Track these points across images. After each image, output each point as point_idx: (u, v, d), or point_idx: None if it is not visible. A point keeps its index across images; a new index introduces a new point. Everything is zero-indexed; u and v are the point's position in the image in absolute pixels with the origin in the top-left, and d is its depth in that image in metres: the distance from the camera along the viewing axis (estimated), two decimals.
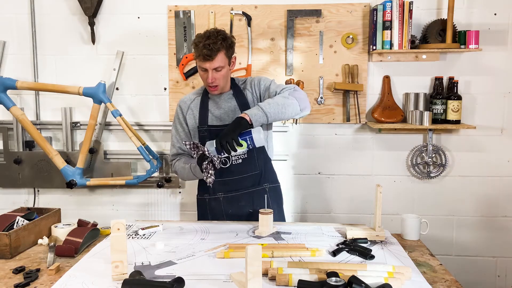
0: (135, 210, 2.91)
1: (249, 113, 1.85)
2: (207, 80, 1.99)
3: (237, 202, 2.11)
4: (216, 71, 1.97)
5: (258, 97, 2.10)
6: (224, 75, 2.01)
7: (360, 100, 2.74)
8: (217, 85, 2.01)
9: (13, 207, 2.26)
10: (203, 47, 1.92)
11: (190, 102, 2.15)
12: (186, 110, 2.15)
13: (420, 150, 2.78)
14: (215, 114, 2.10)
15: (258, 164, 2.12)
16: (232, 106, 2.09)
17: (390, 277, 1.42)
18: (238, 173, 2.09)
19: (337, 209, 2.87)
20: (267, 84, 2.08)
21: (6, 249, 1.74)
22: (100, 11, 2.78)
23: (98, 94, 2.45)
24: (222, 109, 2.09)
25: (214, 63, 1.95)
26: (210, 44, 1.91)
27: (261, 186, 2.14)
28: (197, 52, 1.95)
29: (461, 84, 2.71)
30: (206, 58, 1.93)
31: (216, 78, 1.98)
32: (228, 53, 1.99)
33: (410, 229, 1.93)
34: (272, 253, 1.65)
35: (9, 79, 2.41)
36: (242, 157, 2.09)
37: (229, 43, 1.98)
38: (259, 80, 2.11)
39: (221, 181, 2.10)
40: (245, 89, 2.11)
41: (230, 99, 2.10)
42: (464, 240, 2.84)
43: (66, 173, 2.49)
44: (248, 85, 2.12)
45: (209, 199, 2.16)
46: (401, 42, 2.57)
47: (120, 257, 1.47)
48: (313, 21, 2.72)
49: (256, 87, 2.10)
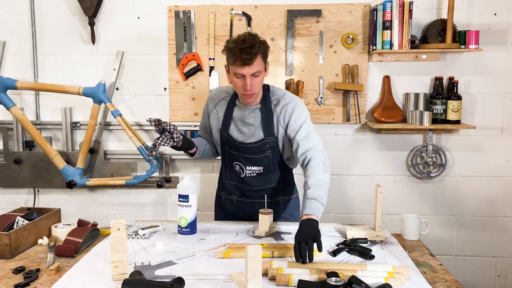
0: (135, 210, 2.91)
1: (317, 214, 1.72)
2: (244, 88, 1.86)
3: (249, 208, 2.07)
4: (253, 76, 1.85)
5: (284, 126, 1.97)
6: (261, 81, 1.90)
7: (360, 100, 2.74)
8: (254, 92, 1.89)
9: (13, 207, 2.26)
10: (241, 51, 1.79)
11: (218, 101, 2.07)
12: (212, 108, 2.08)
13: (420, 150, 2.78)
14: (237, 125, 2.01)
15: (274, 178, 2.06)
16: (256, 122, 1.98)
17: (390, 277, 1.42)
18: (252, 185, 2.06)
19: (337, 209, 2.87)
20: (297, 126, 1.94)
21: (6, 249, 1.74)
22: (100, 11, 2.78)
23: (98, 94, 2.45)
24: (245, 122, 2.00)
25: (253, 68, 1.82)
26: (248, 47, 1.80)
27: (275, 198, 2.09)
28: (233, 58, 1.82)
29: (461, 84, 2.71)
30: (246, 62, 1.80)
31: (253, 84, 1.86)
32: (264, 57, 1.88)
33: (410, 229, 1.94)
34: (272, 253, 1.66)
35: (9, 79, 2.42)
36: (257, 172, 2.04)
37: (265, 47, 1.88)
38: (292, 112, 1.96)
39: (236, 185, 2.09)
40: (275, 109, 1.98)
41: (256, 114, 1.98)
42: (464, 240, 2.84)
43: (66, 173, 2.49)
44: (279, 107, 1.98)
45: (224, 198, 2.16)
46: (401, 42, 2.57)
47: (120, 257, 1.47)
48: (313, 21, 2.72)
49: (286, 117, 1.96)
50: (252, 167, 2.03)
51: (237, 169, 2.06)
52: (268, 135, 1.98)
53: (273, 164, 2.03)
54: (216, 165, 2.87)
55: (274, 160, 2.03)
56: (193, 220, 1.78)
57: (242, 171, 2.04)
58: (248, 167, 2.03)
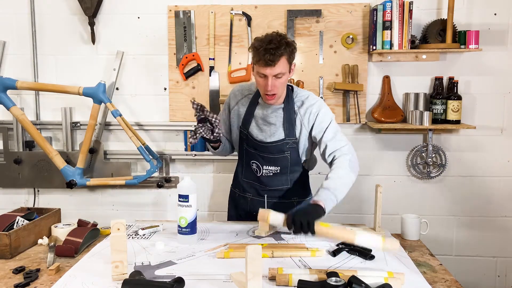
0: (135, 210, 2.91)
1: (324, 202, 1.74)
2: (265, 88, 1.86)
3: (263, 207, 2.05)
4: (276, 78, 1.83)
5: (308, 127, 1.97)
6: (284, 83, 1.89)
7: (360, 100, 2.74)
8: (275, 93, 1.88)
9: (13, 207, 2.26)
10: (265, 51, 1.78)
11: (241, 98, 2.06)
12: (234, 105, 2.07)
13: (420, 150, 2.78)
14: (258, 123, 2.00)
15: (290, 179, 2.05)
16: (278, 122, 1.97)
17: (390, 277, 1.42)
18: (268, 185, 2.06)
19: (337, 209, 2.85)
20: (323, 127, 1.95)
21: (6, 249, 1.74)
22: (100, 11, 2.78)
23: (98, 94, 2.45)
24: (267, 121, 1.99)
25: (275, 69, 1.81)
26: (272, 48, 1.78)
27: (289, 200, 2.07)
28: (257, 57, 1.81)
29: (461, 84, 2.71)
30: (269, 63, 1.79)
31: (275, 86, 1.84)
32: (290, 59, 1.85)
33: (410, 229, 1.94)
34: (272, 253, 1.66)
35: (9, 79, 2.42)
36: (274, 172, 2.03)
37: (291, 49, 1.85)
38: (317, 113, 1.96)
39: (251, 183, 2.09)
40: (298, 110, 1.97)
41: (279, 113, 1.98)
42: (464, 240, 2.84)
43: (66, 173, 2.49)
44: (303, 109, 1.97)
45: (238, 195, 2.16)
46: (401, 42, 2.57)
47: (120, 257, 1.47)
48: (313, 21, 2.72)
49: (311, 118, 1.96)
50: (270, 167, 2.03)
51: (254, 168, 2.05)
52: (289, 135, 1.97)
53: (290, 165, 2.03)
54: (217, 165, 2.87)
55: (292, 161, 2.02)
56: (193, 220, 1.78)
57: (259, 170, 2.04)
58: (266, 166, 2.03)
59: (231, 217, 2.23)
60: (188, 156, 2.84)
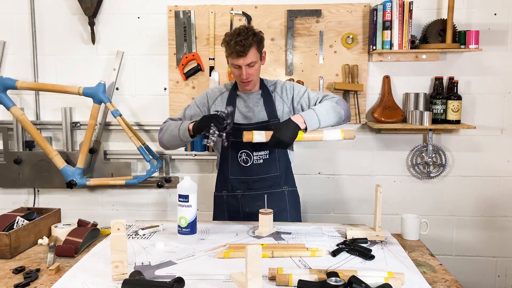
0: (135, 210, 2.92)
1: (306, 118, 1.91)
2: (241, 76, 2.03)
3: (255, 201, 2.09)
4: (249, 66, 2.01)
5: (288, 102, 2.14)
6: (257, 69, 2.06)
7: (360, 100, 2.74)
8: (251, 80, 2.05)
9: (13, 207, 2.27)
10: (235, 44, 1.95)
11: (220, 94, 2.18)
12: (213, 101, 2.18)
13: (420, 150, 2.78)
14: (242, 111, 2.13)
15: (279, 166, 2.13)
16: (259, 106, 2.12)
17: (390, 277, 1.42)
18: (258, 173, 2.11)
19: (337, 209, 2.87)
20: (302, 91, 2.13)
21: (6, 249, 1.74)
22: (100, 11, 2.78)
23: (98, 94, 2.45)
24: (250, 108, 2.13)
25: (247, 59, 1.98)
26: (242, 40, 1.95)
27: (280, 188, 2.15)
28: (229, 50, 1.99)
29: (461, 84, 2.71)
30: (240, 54, 1.96)
31: (250, 73, 2.02)
32: (259, 48, 2.03)
33: (410, 229, 1.93)
34: (272, 253, 1.66)
35: (9, 79, 2.41)
36: (264, 158, 2.10)
37: (259, 38, 2.02)
38: (292, 86, 2.15)
39: (241, 179, 2.12)
40: (274, 92, 2.15)
41: (258, 99, 2.14)
42: (464, 240, 2.84)
43: (66, 173, 2.49)
44: (278, 88, 2.15)
45: (227, 195, 2.17)
46: (401, 42, 2.57)
47: (120, 257, 1.47)
48: (313, 21, 2.72)
49: (289, 92, 2.14)
50: (259, 152, 2.09)
51: (244, 158, 2.10)
52: (272, 117, 2.10)
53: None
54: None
55: None
56: (193, 220, 1.78)
57: (250, 159, 2.09)
58: (256, 152, 2.09)
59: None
60: (188, 156, 2.84)
